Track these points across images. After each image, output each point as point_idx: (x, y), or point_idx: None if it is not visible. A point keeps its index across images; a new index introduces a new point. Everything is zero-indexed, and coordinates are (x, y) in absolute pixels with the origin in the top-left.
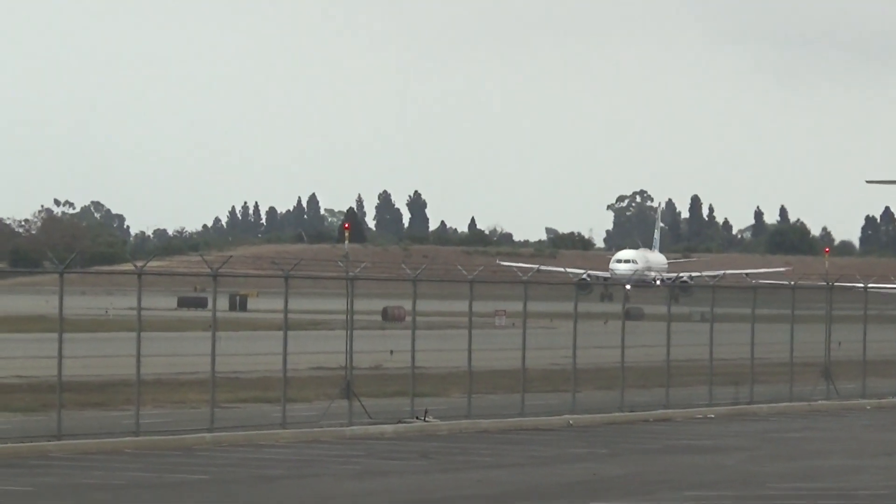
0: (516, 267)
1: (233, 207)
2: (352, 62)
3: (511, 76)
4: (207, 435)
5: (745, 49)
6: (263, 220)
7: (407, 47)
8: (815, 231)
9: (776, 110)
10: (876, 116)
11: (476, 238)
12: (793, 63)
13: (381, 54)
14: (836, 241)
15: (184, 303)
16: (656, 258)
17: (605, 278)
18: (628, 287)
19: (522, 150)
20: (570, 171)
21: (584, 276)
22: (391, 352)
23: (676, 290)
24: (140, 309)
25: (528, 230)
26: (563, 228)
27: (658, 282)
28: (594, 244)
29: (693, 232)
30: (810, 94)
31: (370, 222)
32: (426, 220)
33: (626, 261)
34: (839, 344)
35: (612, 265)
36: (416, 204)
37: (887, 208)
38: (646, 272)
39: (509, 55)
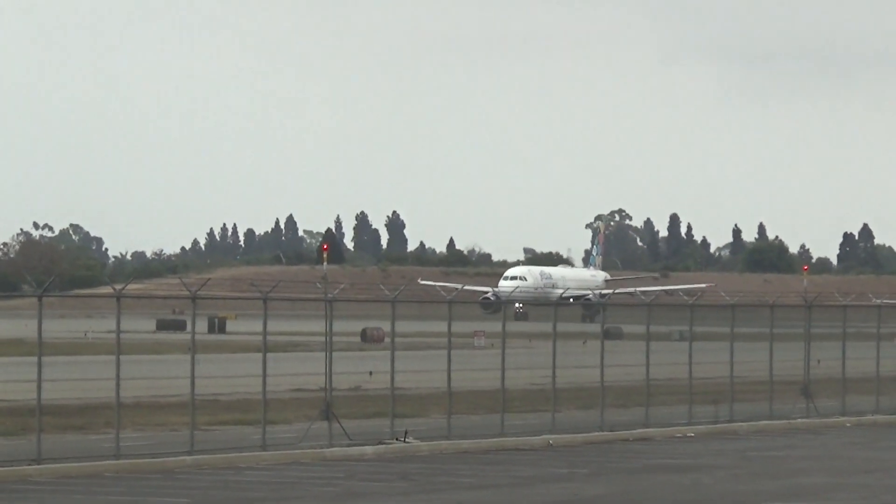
0: (439, 286)
1: (211, 229)
2: (328, 83)
3: (488, 96)
4: (188, 457)
5: (723, 67)
6: (242, 242)
7: (384, 68)
8: (794, 248)
9: (754, 128)
10: (853, 133)
11: (455, 258)
12: (769, 80)
13: (358, 75)
14: (814, 259)
15: (163, 325)
16: (574, 274)
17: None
18: (518, 306)
19: (501, 169)
20: (548, 191)
21: (489, 294)
22: (370, 373)
23: (582, 308)
24: (119, 332)
25: (507, 250)
26: (543, 248)
27: (571, 299)
28: (573, 264)
29: (671, 250)
30: (787, 112)
31: (348, 243)
32: (405, 240)
33: (513, 278)
34: (818, 362)
35: (500, 282)
36: (395, 224)
37: (865, 225)
38: (548, 289)
39: (487, 75)
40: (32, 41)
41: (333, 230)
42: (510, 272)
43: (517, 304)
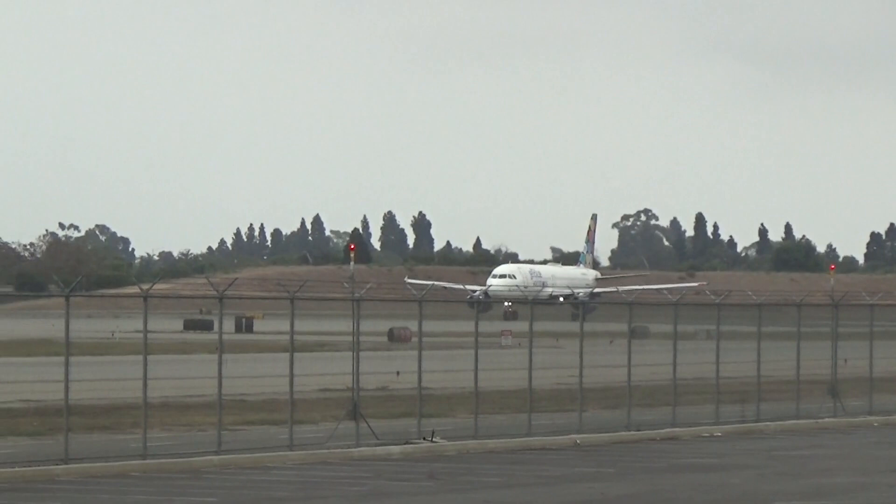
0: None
1: (238, 229)
2: (354, 82)
3: (515, 95)
4: (215, 457)
5: (750, 65)
6: (269, 242)
7: (409, 66)
8: (821, 248)
9: (781, 127)
10: (881, 132)
11: (481, 258)
12: (796, 78)
13: (383, 74)
14: (841, 258)
15: (190, 325)
16: (564, 273)
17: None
18: (507, 304)
19: (527, 169)
20: (574, 190)
21: (477, 293)
22: (397, 373)
23: (571, 307)
24: (146, 332)
25: (534, 250)
26: (569, 247)
27: (561, 298)
28: (599, 263)
29: (698, 250)
30: (814, 111)
31: (375, 243)
32: (431, 240)
33: (502, 276)
34: (845, 361)
35: (489, 280)
36: (421, 224)
37: (892, 224)
38: (538, 288)
39: (513, 74)
40: (58, 42)
41: (360, 230)
42: (499, 270)
43: (506, 303)
